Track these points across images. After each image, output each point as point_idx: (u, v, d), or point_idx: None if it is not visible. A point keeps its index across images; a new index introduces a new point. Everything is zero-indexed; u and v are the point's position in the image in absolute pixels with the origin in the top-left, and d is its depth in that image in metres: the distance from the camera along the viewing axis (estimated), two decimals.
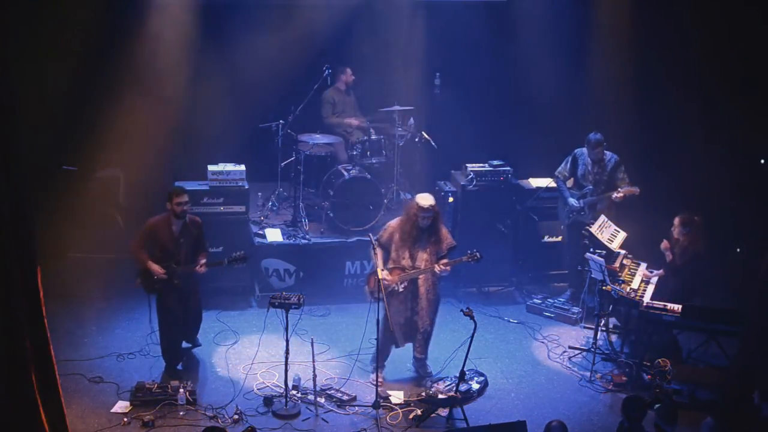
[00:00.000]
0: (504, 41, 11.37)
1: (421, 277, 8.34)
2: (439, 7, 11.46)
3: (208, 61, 10.86)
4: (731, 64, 10.23)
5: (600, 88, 10.97)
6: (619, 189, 9.73)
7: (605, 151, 9.86)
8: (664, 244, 9.17)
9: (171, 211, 8.37)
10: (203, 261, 8.44)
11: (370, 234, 8.70)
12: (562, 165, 10.09)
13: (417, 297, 8.40)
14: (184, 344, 8.88)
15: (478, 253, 8.37)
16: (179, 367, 8.65)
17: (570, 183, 10.15)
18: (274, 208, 10.93)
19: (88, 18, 10.20)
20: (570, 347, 9.36)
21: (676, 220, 9.10)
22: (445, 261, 8.31)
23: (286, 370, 8.03)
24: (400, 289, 8.31)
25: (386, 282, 8.22)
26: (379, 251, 8.33)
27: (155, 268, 8.33)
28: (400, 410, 8.13)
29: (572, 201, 9.93)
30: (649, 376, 8.63)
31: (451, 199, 10.62)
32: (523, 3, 11.30)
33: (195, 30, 10.73)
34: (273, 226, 10.53)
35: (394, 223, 8.43)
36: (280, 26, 11.11)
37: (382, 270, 8.21)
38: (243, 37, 10.94)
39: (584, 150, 9.94)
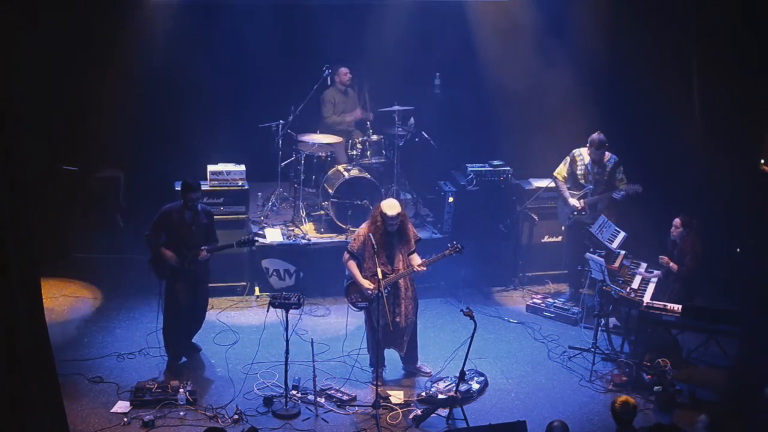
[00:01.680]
0: (504, 41, 11.36)
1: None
2: (439, 6, 11.46)
3: (208, 61, 10.86)
4: (731, 64, 10.22)
5: (600, 87, 10.96)
6: (620, 189, 9.74)
7: (606, 152, 9.85)
8: (664, 259, 9.16)
9: (183, 202, 8.47)
10: (205, 248, 8.50)
11: (370, 234, 8.68)
12: (561, 165, 10.09)
13: (398, 298, 8.38)
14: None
15: (459, 245, 8.35)
16: (183, 359, 8.64)
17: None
18: (274, 208, 10.93)
19: (88, 18, 10.22)
20: (570, 347, 9.35)
21: (677, 221, 9.10)
22: (425, 260, 8.33)
23: (286, 370, 8.03)
24: (386, 294, 8.29)
25: (370, 291, 8.23)
26: (352, 263, 8.33)
27: (168, 253, 8.40)
28: (400, 410, 8.13)
29: (573, 201, 9.93)
30: (649, 376, 8.64)
31: (451, 199, 10.62)
32: (522, 3, 11.29)
33: (195, 30, 10.73)
34: (273, 226, 10.53)
35: (362, 231, 8.37)
36: (280, 26, 11.11)
37: (362, 280, 8.25)
38: (243, 37, 10.94)
39: (582, 150, 9.92)
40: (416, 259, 8.35)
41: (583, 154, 9.91)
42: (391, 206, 8.22)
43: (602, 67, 10.99)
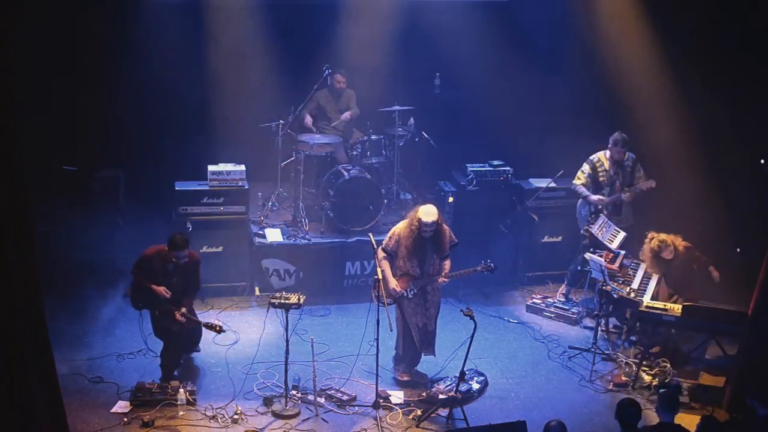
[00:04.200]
0: (504, 41, 11.37)
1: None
2: (440, 7, 11.46)
3: (208, 61, 10.85)
4: (731, 63, 10.23)
5: (600, 87, 10.96)
6: (626, 189, 9.72)
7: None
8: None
9: (168, 253, 8.27)
10: (184, 309, 8.30)
11: (371, 234, 8.69)
12: (579, 173, 9.95)
13: (426, 302, 8.42)
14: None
15: (492, 264, 8.40)
16: (175, 373, 8.61)
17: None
18: (274, 208, 10.93)
19: (87, 17, 10.22)
20: (570, 347, 9.36)
21: (665, 254, 8.90)
22: (452, 273, 8.36)
23: (286, 370, 8.03)
24: (410, 296, 8.33)
25: (396, 291, 8.23)
26: (385, 263, 8.33)
27: (159, 290, 8.26)
28: (400, 410, 8.13)
29: (594, 197, 9.79)
30: (649, 376, 8.65)
31: (451, 199, 10.62)
32: (523, 3, 11.29)
33: (195, 29, 10.72)
34: (273, 226, 10.53)
35: (398, 230, 8.37)
36: (280, 26, 11.11)
37: (390, 278, 8.27)
38: (243, 37, 10.94)
39: (599, 155, 9.85)
40: (447, 266, 8.36)
41: (601, 160, 9.86)
42: (428, 213, 8.17)
43: (603, 66, 10.98)
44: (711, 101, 10.33)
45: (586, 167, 9.96)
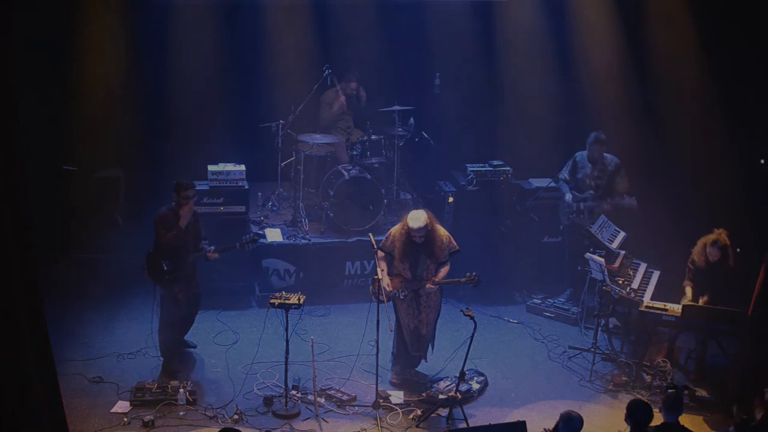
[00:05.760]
0: (504, 41, 11.36)
1: None
2: (440, 7, 11.46)
3: (208, 61, 10.86)
4: (728, 62, 10.23)
5: (600, 88, 10.96)
6: (608, 200, 9.72)
7: (605, 154, 9.84)
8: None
9: (177, 203, 8.42)
10: (213, 248, 8.55)
11: (371, 234, 8.68)
12: (564, 169, 10.06)
13: (419, 305, 8.41)
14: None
15: (477, 277, 8.32)
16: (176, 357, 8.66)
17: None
18: (274, 208, 10.93)
19: (88, 17, 10.23)
20: (570, 347, 9.36)
21: (710, 250, 8.68)
22: (440, 279, 8.29)
23: (286, 370, 8.03)
24: (401, 297, 8.33)
25: (387, 290, 8.23)
26: (383, 263, 8.32)
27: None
28: (400, 410, 8.13)
29: (568, 196, 9.88)
30: (649, 376, 8.65)
31: (451, 199, 10.62)
32: (522, 3, 11.29)
33: (195, 30, 10.73)
34: (273, 226, 10.53)
35: (394, 231, 8.37)
36: (280, 26, 11.11)
37: (384, 276, 8.25)
38: (243, 37, 10.94)
39: (584, 153, 9.92)
40: (443, 272, 8.33)
41: (585, 158, 9.90)
42: (414, 219, 8.12)
43: (603, 66, 10.98)
44: (710, 101, 10.34)
45: (569, 163, 10.01)
